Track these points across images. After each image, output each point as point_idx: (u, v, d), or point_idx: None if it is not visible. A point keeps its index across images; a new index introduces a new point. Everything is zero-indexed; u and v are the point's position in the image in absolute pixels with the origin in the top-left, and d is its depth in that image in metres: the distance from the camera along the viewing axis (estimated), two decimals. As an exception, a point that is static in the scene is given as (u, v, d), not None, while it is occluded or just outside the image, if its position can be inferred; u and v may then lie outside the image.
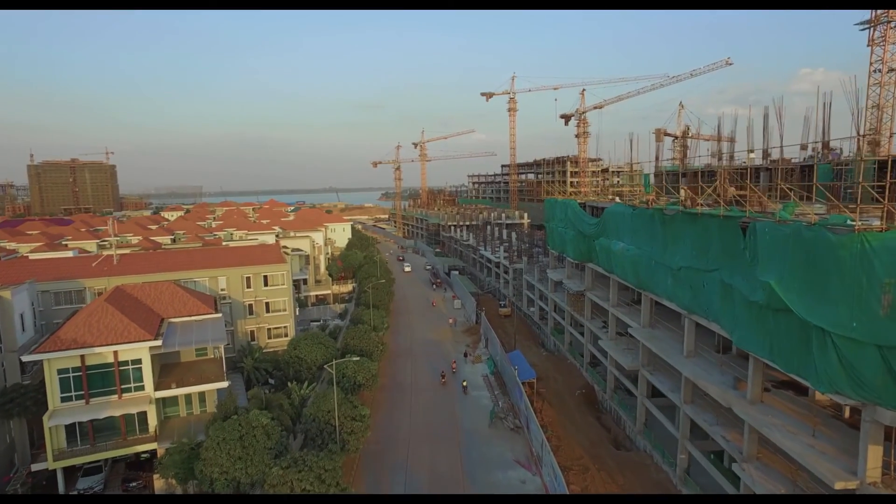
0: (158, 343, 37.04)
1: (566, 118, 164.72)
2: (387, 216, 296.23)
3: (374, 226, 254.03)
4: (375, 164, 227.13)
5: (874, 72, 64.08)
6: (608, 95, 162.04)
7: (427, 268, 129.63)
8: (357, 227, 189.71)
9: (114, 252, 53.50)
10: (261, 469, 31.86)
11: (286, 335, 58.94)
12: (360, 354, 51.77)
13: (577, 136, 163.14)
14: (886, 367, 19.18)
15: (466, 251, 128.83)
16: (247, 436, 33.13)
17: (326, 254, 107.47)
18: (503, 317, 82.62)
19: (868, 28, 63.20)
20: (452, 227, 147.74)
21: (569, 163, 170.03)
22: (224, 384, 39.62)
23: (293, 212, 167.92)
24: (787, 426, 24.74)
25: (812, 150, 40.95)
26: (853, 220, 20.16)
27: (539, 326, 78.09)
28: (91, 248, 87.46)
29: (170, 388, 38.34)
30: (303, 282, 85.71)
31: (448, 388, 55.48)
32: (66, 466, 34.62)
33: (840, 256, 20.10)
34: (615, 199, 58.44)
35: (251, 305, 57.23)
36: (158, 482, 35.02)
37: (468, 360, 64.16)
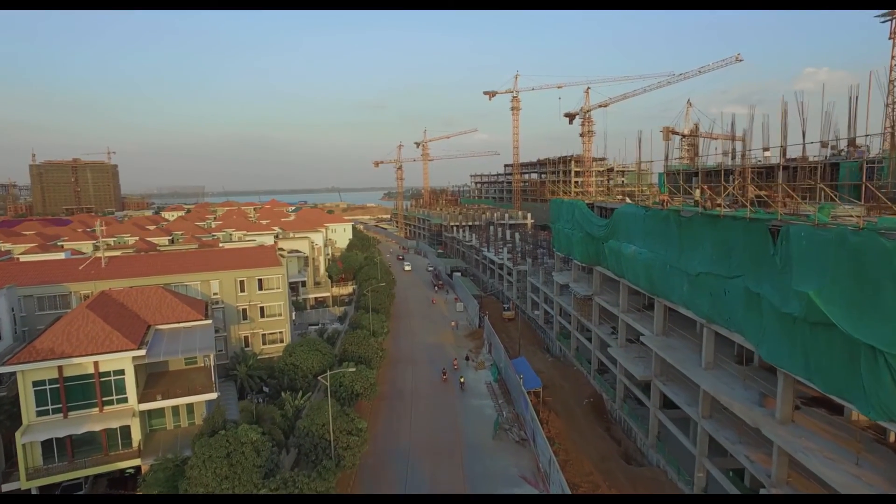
0: (142, 353, 34.91)
1: (570, 117, 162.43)
2: (389, 216, 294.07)
3: (376, 226, 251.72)
4: (377, 164, 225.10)
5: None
6: (613, 94, 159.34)
7: (429, 269, 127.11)
8: (358, 228, 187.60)
9: (102, 254, 51.40)
10: (249, 489, 29.77)
11: (282, 341, 56.72)
12: (359, 362, 49.60)
13: (582, 136, 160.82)
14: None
15: (469, 252, 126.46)
16: (234, 453, 31.12)
17: (327, 255, 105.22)
18: (507, 320, 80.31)
19: (889, 20, 60.57)
20: (455, 228, 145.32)
21: (573, 162, 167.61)
22: (213, 395, 37.50)
23: (294, 212, 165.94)
24: (825, 451, 22.34)
25: (831, 148, 38.73)
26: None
27: (544, 331, 75.71)
28: (87, 250, 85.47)
29: (155, 400, 36.24)
30: (301, 284, 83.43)
31: (450, 396, 53.28)
32: (43, 485, 32.50)
33: (897, 265, 17.61)
34: (625, 200, 55.90)
35: (245, 310, 55.07)
36: (141, 501, 32.89)
37: (470, 365, 61.99)
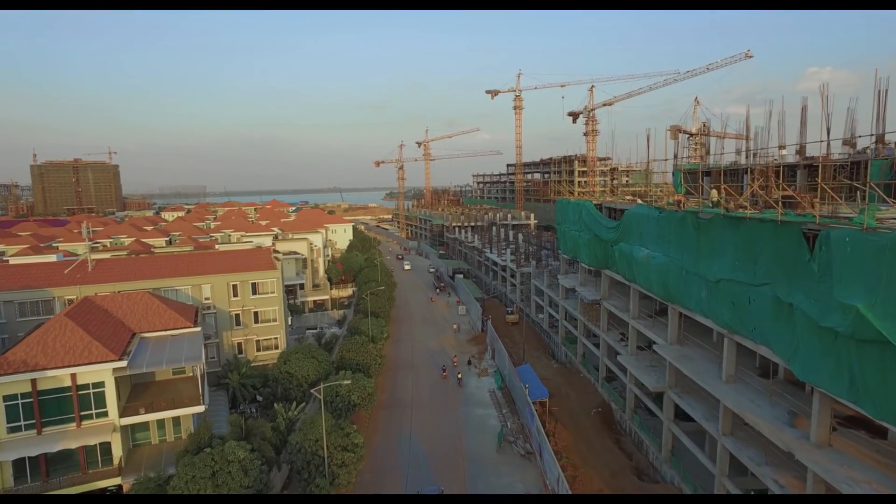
0: (124, 364, 32.72)
1: (574, 116, 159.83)
2: (390, 216, 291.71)
3: (378, 226, 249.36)
4: (378, 164, 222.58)
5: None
6: (617, 92, 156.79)
7: (430, 271, 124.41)
8: (360, 228, 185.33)
9: (88, 257, 49.28)
10: (234, 513, 27.61)
11: (277, 347, 54.51)
12: (357, 369, 47.36)
13: (586, 135, 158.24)
14: None
15: (471, 253, 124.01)
16: (220, 472, 29.09)
17: (326, 256, 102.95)
18: (510, 324, 77.97)
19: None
20: (457, 229, 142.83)
21: (577, 162, 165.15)
22: (200, 408, 35.34)
23: (294, 212, 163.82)
24: (872, 482, 20.01)
25: (852, 146, 36.52)
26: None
27: (548, 335, 73.38)
28: (82, 251, 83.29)
29: (138, 414, 34.11)
30: (299, 287, 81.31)
31: (452, 404, 51.09)
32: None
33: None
34: (636, 201, 53.45)
35: (238, 315, 52.86)
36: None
37: (473, 371, 59.82)
